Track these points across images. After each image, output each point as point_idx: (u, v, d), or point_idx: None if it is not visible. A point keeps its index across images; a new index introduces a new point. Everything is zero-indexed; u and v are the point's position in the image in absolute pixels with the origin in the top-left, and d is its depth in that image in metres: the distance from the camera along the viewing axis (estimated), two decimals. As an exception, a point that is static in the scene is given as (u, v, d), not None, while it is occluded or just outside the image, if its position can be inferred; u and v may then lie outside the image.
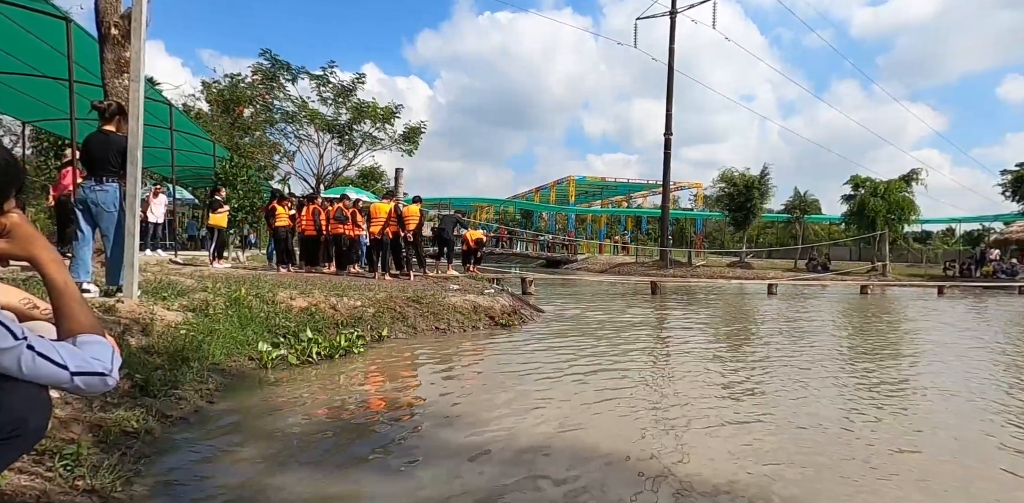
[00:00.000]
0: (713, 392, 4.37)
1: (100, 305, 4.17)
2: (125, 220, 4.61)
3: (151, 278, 6.01)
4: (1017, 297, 17.42)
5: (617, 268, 28.15)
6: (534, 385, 4.44)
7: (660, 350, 6.50)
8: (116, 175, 4.57)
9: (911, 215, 23.14)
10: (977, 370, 5.54)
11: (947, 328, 9.12)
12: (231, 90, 24.06)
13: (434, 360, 5.31)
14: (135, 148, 4.59)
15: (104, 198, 4.52)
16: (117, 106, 4.63)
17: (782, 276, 23.25)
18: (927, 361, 6.03)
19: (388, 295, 6.99)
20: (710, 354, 6.13)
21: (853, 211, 23.97)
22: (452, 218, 12.40)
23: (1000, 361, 6.18)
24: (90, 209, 4.53)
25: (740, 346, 6.87)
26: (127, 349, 3.57)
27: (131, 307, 4.39)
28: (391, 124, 23.49)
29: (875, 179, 24.24)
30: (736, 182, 25.89)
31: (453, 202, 57.72)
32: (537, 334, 7.05)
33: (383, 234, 10.07)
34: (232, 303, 5.38)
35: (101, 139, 4.56)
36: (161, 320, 4.37)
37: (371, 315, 6.37)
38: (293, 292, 6.36)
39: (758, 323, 9.26)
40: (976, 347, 7.09)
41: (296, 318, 5.66)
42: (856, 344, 7.24)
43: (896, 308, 13.02)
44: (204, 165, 18.88)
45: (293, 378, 4.30)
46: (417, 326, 6.61)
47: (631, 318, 9.35)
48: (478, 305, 7.50)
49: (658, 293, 13.95)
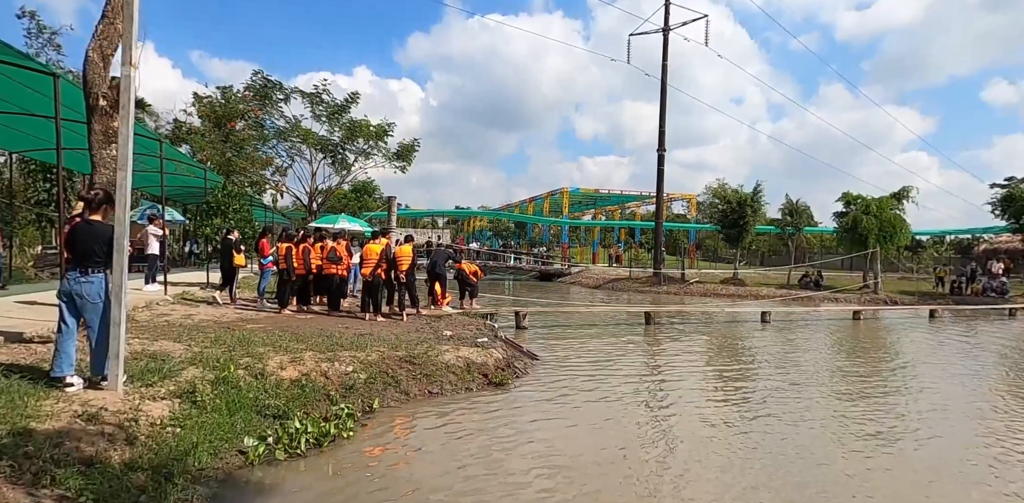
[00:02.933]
0: (709, 473, 4.32)
1: (82, 409, 4.06)
2: (111, 310, 4.52)
3: (137, 350, 5.90)
4: (1008, 321, 17.53)
5: (611, 283, 28.15)
6: (531, 477, 4.39)
7: (653, 425, 6.45)
8: (102, 265, 4.47)
9: (903, 234, 23.21)
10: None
11: (940, 372, 9.13)
12: (223, 106, 23.89)
13: (424, 443, 5.21)
14: (121, 236, 4.50)
15: (90, 290, 4.42)
16: (104, 195, 4.54)
17: (775, 295, 23.32)
18: (921, 434, 6.02)
19: (380, 356, 6.91)
20: (705, 424, 6.09)
21: (846, 228, 24.04)
22: (444, 253, 12.32)
23: (991, 428, 6.18)
24: (74, 301, 4.42)
25: (739, 404, 6.83)
26: (112, 471, 3.47)
27: (115, 404, 4.30)
28: (384, 142, 23.37)
29: (866, 196, 24.32)
30: (729, 199, 25.91)
31: (448, 213, 57.70)
32: (531, 397, 6.97)
33: (374, 275, 9.99)
34: (220, 382, 5.29)
35: (87, 229, 4.46)
36: (147, 417, 4.28)
37: (363, 382, 6.29)
38: (284, 359, 6.27)
39: (754, 369, 9.23)
40: (970, 403, 7.09)
41: (286, 393, 5.57)
42: (855, 418, 7.22)
43: (889, 342, 13.07)
44: (196, 185, 18.76)
45: (281, 479, 4.21)
46: (410, 391, 6.53)
47: (625, 365, 9.30)
48: (471, 362, 7.43)
49: (652, 323, 13.93)
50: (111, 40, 5.46)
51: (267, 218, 32.12)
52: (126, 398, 4.46)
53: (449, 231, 65.12)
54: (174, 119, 28.64)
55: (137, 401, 4.44)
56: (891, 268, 37.45)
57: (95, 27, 5.54)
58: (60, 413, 3.95)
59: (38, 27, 21.83)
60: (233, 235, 11.60)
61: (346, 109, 23.24)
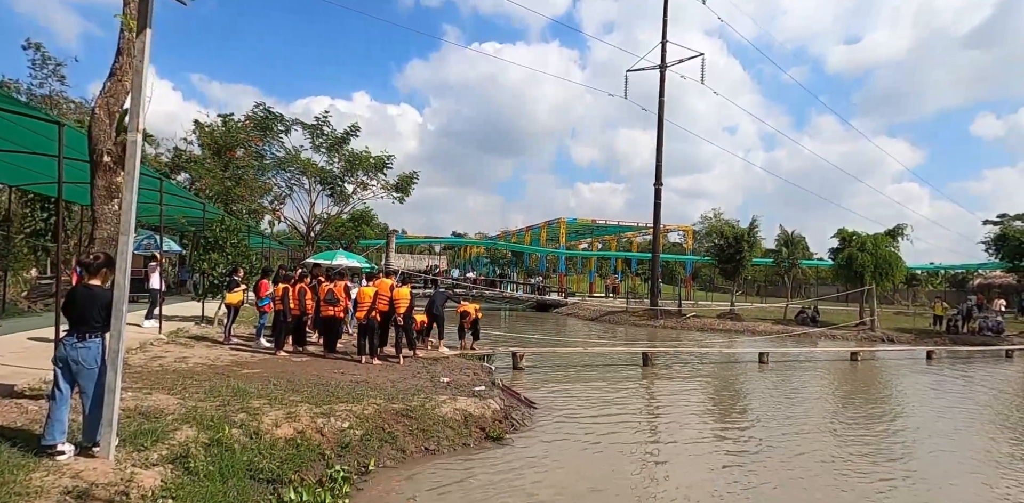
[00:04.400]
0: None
1: (72, 483, 3.96)
2: (106, 375, 4.45)
3: (130, 406, 5.80)
4: (1005, 363, 17.50)
5: (608, 316, 28.04)
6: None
7: (654, 486, 6.35)
8: (100, 330, 4.43)
9: (898, 271, 23.38)
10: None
11: (939, 418, 9.06)
12: (224, 135, 24.06)
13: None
14: (120, 300, 4.47)
15: (86, 355, 4.37)
16: (105, 259, 4.52)
17: (772, 331, 23.26)
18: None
19: (376, 409, 6.82)
20: (707, 482, 5.99)
21: (842, 264, 24.19)
22: (443, 294, 12.29)
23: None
24: (70, 367, 4.36)
25: (739, 454, 6.73)
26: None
27: (106, 474, 4.20)
28: (383, 173, 23.53)
29: (861, 233, 24.54)
30: (725, 234, 26.08)
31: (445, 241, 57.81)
32: (529, 453, 6.85)
33: (369, 318, 9.93)
34: (214, 444, 5.19)
35: (86, 294, 4.42)
36: (138, 489, 4.17)
37: (358, 439, 6.18)
38: (279, 414, 6.18)
39: (753, 412, 9.14)
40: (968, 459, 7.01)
41: (281, 454, 5.46)
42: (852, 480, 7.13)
43: (887, 388, 13.02)
44: (194, 216, 18.78)
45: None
46: (406, 448, 6.42)
47: (624, 412, 9.20)
48: (469, 415, 7.33)
49: (649, 364, 13.83)
50: (118, 97, 5.52)
51: (264, 245, 32.18)
52: (117, 467, 4.36)
53: (446, 257, 65.21)
54: (174, 147, 28.88)
55: (129, 470, 4.34)
56: (887, 301, 37.62)
57: (103, 84, 5.60)
58: (50, 489, 3.85)
59: (43, 58, 22.15)
60: (238, 275, 11.64)
61: (346, 140, 23.45)
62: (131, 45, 4.76)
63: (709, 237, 28.41)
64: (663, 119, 28.25)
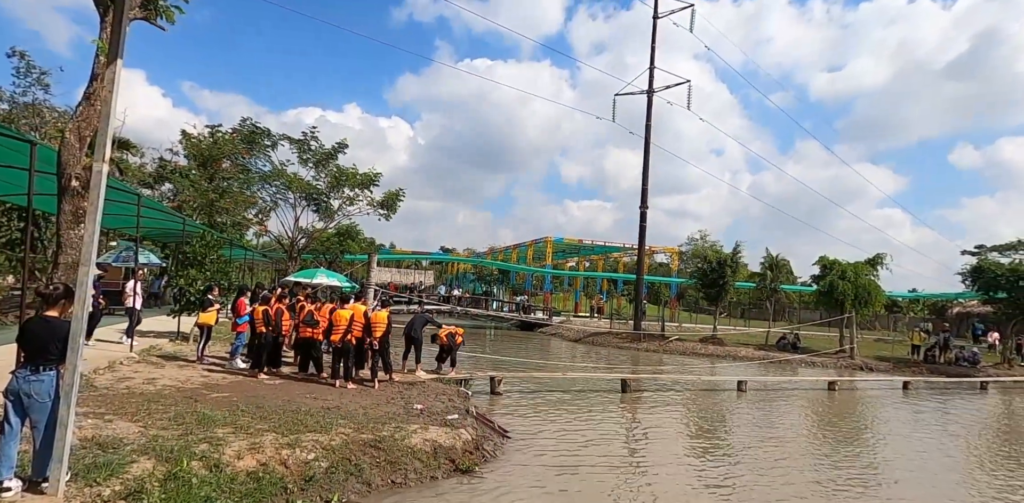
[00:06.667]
0: None
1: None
2: (58, 410, 4.33)
3: (88, 436, 5.64)
4: (979, 396, 17.67)
5: (591, 338, 27.97)
6: None
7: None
8: (55, 363, 4.32)
9: (877, 300, 23.72)
10: None
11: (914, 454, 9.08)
12: (211, 148, 23.94)
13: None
14: (77, 333, 4.38)
15: (39, 388, 4.26)
16: (64, 291, 4.43)
17: (754, 356, 23.34)
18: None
19: (344, 440, 6.69)
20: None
21: (823, 291, 24.46)
22: (423, 317, 12.19)
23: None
24: (22, 400, 4.24)
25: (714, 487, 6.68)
26: None
27: (53, 514, 4.07)
28: (370, 191, 23.50)
29: (842, 262, 24.84)
30: (709, 258, 26.27)
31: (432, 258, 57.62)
32: (497, 487, 6.75)
33: (344, 342, 9.82)
34: (171, 478, 5.06)
35: (43, 326, 4.33)
36: (85, 530, 4.05)
37: (323, 472, 6.05)
38: (243, 444, 6.04)
39: (727, 445, 9.09)
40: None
41: (241, 488, 5.33)
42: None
43: (863, 419, 13.06)
44: (174, 228, 18.60)
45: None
46: (372, 481, 6.29)
47: (600, 444, 9.12)
48: (439, 446, 7.22)
49: (628, 390, 13.78)
50: (90, 122, 5.48)
51: (247, 257, 31.83)
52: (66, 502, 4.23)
53: (433, 272, 64.89)
54: (159, 157, 28.71)
55: (78, 509, 4.22)
56: (868, 326, 37.97)
57: (75, 108, 5.55)
58: (-10, 531, 3.72)
59: (27, 66, 22.08)
60: (213, 293, 11.55)
61: (333, 156, 23.43)
62: (104, 71, 4.72)
63: (694, 260, 28.64)
64: (650, 143, 28.60)
